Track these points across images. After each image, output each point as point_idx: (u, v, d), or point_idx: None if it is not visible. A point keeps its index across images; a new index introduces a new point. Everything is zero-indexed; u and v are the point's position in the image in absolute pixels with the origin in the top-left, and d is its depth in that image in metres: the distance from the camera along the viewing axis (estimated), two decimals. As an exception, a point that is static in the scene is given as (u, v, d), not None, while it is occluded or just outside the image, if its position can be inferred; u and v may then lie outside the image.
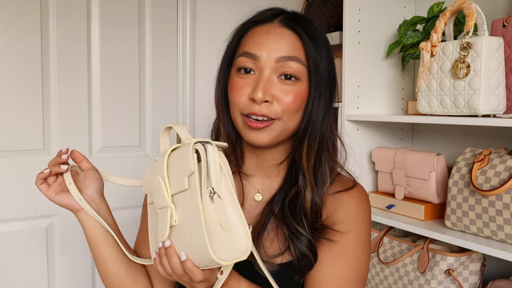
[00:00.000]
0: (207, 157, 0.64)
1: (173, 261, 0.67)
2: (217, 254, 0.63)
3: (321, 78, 0.81)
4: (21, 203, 1.57)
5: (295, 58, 0.78)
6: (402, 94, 1.60)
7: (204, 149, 0.64)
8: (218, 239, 0.63)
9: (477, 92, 1.11)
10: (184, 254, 0.66)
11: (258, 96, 0.76)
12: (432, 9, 1.36)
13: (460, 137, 1.50)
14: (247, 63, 0.78)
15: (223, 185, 0.65)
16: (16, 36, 1.54)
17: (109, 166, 1.71)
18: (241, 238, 0.63)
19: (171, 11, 1.82)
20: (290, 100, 0.78)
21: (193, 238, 0.64)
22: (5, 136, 1.54)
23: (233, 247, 0.63)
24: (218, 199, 0.64)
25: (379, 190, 1.51)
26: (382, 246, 1.44)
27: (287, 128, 0.80)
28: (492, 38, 1.11)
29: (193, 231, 0.64)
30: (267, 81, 0.77)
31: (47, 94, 1.60)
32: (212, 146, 0.65)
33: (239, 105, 0.79)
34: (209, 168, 0.64)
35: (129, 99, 1.75)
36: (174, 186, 0.68)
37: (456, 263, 1.23)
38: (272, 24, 0.81)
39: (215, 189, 0.64)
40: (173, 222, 0.67)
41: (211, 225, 0.64)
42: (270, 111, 0.77)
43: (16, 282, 1.58)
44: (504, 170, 1.08)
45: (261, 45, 0.78)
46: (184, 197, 0.67)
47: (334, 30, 1.76)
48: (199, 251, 0.64)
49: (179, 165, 0.67)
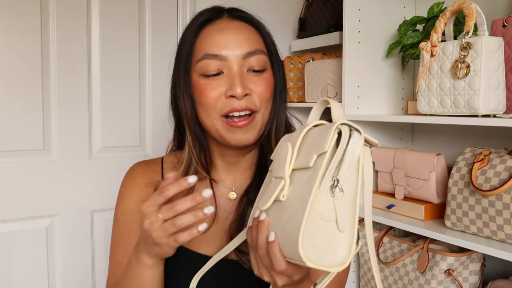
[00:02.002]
0: (347, 144, 0.55)
1: (261, 237, 0.61)
2: (306, 250, 0.54)
3: (278, 62, 0.83)
4: (21, 203, 1.57)
5: (258, 50, 0.78)
6: (402, 94, 1.60)
7: (349, 134, 0.56)
8: (317, 235, 0.55)
9: (477, 92, 1.11)
10: (274, 235, 0.59)
11: (237, 91, 0.75)
12: (432, 9, 1.36)
13: (460, 137, 1.50)
14: (213, 65, 0.76)
15: (352, 182, 0.56)
16: (16, 35, 1.54)
17: (109, 166, 1.71)
18: (343, 247, 0.55)
19: (171, 11, 1.82)
20: (263, 89, 0.78)
21: (290, 222, 0.57)
22: (5, 136, 1.54)
23: (328, 252, 0.55)
24: (340, 193, 0.55)
25: (379, 190, 1.51)
26: (382, 246, 1.44)
27: (264, 120, 0.80)
28: (492, 38, 1.11)
29: (294, 215, 0.56)
30: (241, 75, 0.77)
31: (47, 94, 1.60)
32: (359, 136, 0.56)
33: (215, 107, 0.77)
34: (344, 157, 0.55)
35: (129, 99, 1.75)
36: (300, 161, 0.60)
37: (456, 263, 1.23)
38: (223, 20, 0.80)
39: (340, 182, 0.55)
40: (281, 197, 0.60)
41: (315, 218, 0.55)
42: (252, 103, 0.77)
43: (16, 282, 1.58)
44: (504, 170, 1.08)
45: (223, 44, 0.77)
46: (303, 175, 0.58)
47: (334, 30, 1.76)
48: (289, 238, 0.56)
49: (315, 141, 0.59)
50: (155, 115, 1.80)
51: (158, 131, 1.80)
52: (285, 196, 0.59)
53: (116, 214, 0.90)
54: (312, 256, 0.54)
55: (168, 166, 0.90)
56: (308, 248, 0.54)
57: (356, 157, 0.56)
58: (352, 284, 1.59)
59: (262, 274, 0.63)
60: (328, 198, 0.55)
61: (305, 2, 1.94)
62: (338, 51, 1.81)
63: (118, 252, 0.88)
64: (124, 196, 0.90)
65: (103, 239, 1.72)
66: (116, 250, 0.89)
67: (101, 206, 1.71)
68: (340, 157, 0.55)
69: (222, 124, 0.78)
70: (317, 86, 1.67)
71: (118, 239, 0.89)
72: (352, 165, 0.56)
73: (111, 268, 0.89)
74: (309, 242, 0.55)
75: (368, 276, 1.47)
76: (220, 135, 0.79)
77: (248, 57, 0.77)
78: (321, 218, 0.55)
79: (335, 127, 0.56)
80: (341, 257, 0.55)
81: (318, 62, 1.67)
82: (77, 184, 1.66)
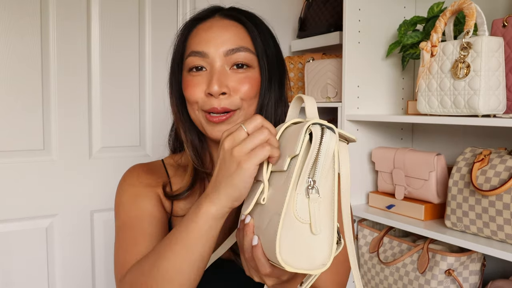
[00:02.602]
0: (320, 144, 0.54)
1: (246, 240, 0.61)
2: (283, 254, 0.55)
3: (270, 64, 0.82)
4: (21, 203, 1.57)
5: (242, 48, 0.78)
6: (402, 94, 1.60)
7: (321, 134, 0.55)
8: (295, 239, 0.55)
9: (477, 92, 1.11)
10: (257, 239, 0.59)
11: (214, 89, 0.75)
12: (432, 9, 1.36)
13: (460, 137, 1.50)
14: (197, 61, 0.78)
15: (329, 182, 0.56)
16: (16, 36, 1.54)
17: (109, 166, 1.71)
18: (322, 249, 0.55)
19: (171, 11, 1.82)
20: (247, 88, 0.78)
21: (269, 227, 0.57)
22: (5, 136, 1.54)
23: (308, 255, 0.55)
24: (316, 196, 0.55)
25: (379, 190, 1.51)
26: (382, 246, 1.44)
27: (248, 115, 0.80)
28: (492, 38, 1.11)
29: (272, 219, 0.57)
30: (221, 73, 0.77)
31: (47, 94, 1.60)
32: (331, 134, 0.55)
33: (197, 102, 0.78)
34: (319, 157, 0.55)
35: (129, 99, 1.75)
36: (277, 163, 0.59)
37: (456, 263, 1.23)
38: (213, 19, 0.81)
39: (316, 183, 0.55)
40: (261, 201, 0.59)
41: (293, 220, 0.55)
42: (230, 103, 0.77)
43: (16, 282, 1.58)
44: (504, 170, 1.08)
45: (207, 41, 0.78)
46: (280, 178, 0.58)
47: (334, 30, 1.76)
48: (269, 242, 0.57)
49: (288, 142, 0.58)
50: (155, 115, 1.80)
51: (158, 131, 1.80)
52: (266, 199, 0.59)
53: (119, 201, 0.85)
54: (291, 261, 0.54)
55: (169, 168, 0.91)
56: (286, 252, 0.55)
57: (331, 156, 0.55)
58: (352, 284, 1.59)
59: (252, 275, 0.64)
60: (304, 200, 0.55)
61: (305, 2, 1.94)
62: (338, 51, 1.81)
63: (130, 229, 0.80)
64: (130, 187, 0.85)
65: (103, 239, 1.72)
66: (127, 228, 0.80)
67: (101, 206, 1.70)
68: (314, 158, 0.55)
69: (203, 116, 0.79)
70: (317, 86, 1.67)
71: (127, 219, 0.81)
72: (327, 164, 0.55)
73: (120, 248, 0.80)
74: (286, 246, 0.55)
75: (368, 276, 1.47)
76: (203, 128, 0.81)
77: (230, 54, 0.78)
78: (299, 220, 0.55)
79: (305, 128, 0.55)
80: (321, 259, 0.55)
81: (318, 62, 1.67)
82: (77, 184, 1.66)
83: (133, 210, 0.82)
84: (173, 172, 0.89)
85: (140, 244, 0.77)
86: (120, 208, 0.84)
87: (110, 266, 1.74)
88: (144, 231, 0.79)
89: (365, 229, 1.51)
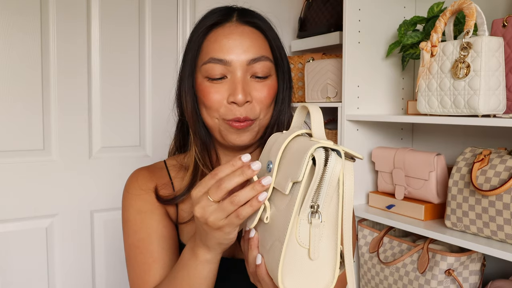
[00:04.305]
0: (324, 170, 0.52)
1: (251, 254, 0.62)
2: (286, 281, 0.54)
3: (285, 68, 0.83)
4: (21, 203, 1.57)
5: (263, 57, 0.79)
6: (402, 94, 1.60)
7: (325, 158, 0.52)
8: (297, 264, 0.55)
9: (477, 92, 1.11)
10: (260, 259, 0.60)
11: (239, 98, 0.75)
12: (432, 9, 1.36)
13: (460, 137, 1.50)
14: (218, 69, 0.77)
15: (332, 207, 0.54)
16: (16, 36, 1.54)
17: (109, 166, 1.71)
18: (323, 275, 0.54)
19: (171, 11, 1.82)
20: (265, 96, 0.79)
21: (271, 251, 0.56)
22: (5, 136, 1.54)
23: (310, 281, 0.55)
24: (317, 221, 0.54)
25: (379, 190, 1.51)
26: (382, 246, 1.44)
27: (262, 124, 0.81)
28: (492, 38, 1.11)
29: (275, 242, 0.56)
30: (244, 82, 0.77)
31: (47, 94, 1.60)
32: (337, 158, 0.53)
33: (218, 110, 0.78)
34: (322, 184, 0.53)
35: (129, 99, 1.75)
36: (279, 181, 0.57)
37: (456, 263, 1.23)
38: (231, 24, 0.80)
39: (320, 207, 0.54)
40: (264, 220, 0.59)
41: (296, 246, 0.54)
42: (252, 113, 0.78)
43: (16, 282, 1.58)
44: (504, 170, 1.08)
45: (229, 49, 0.77)
46: (282, 200, 0.57)
47: (334, 30, 1.76)
48: (271, 265, 0.56)
49: (291, 162, 0.56)
50: (155, 115, 1.80)
51: (158, 131, 1.80)
52: (268, 218, 0.59)
53: (127, 218, 0.85)
54: (292, 285, 0.55)
55: (171, 169, 0.90)
56: (288, 277, 0.55)
57: (335, 181, 0.53)
58: (352, 284, 1.59)
59: (256, 284, 0.66)
60: (306, 224, 0.54)
61: (305, 2, 1.94)
62: (338, 51, 1.81)
63: (140, 254, 0.82)
64: (134, 199, 0.86)
65: (103, 239, 1.72)
66: (137, 252, 0.83)
67: (101, 206, 1.70)
68: (317, 185, 0.53)
69: (223, 124, 0.79)
70: (317, 86, 1.67)
71: (136, 242, 0.83)
72: (331, 190, 0.54)
73: (134, 272, 0.83)
74: (289, 273, 0.55)
75: (368, 276, 1.47)
76: (221, 135, 0.80)
77: (252, 64, 0.78)
78: (300, 245, 0.55)
79: (309, 154, 0.53)
80: (324, 282, 0.55)
81: (318, 62, 1.67)
82: (77, 184, 1.66)
83: (140, 231, 0.83)
84: (175, 173, 0.89)
85: (152, 270, 0.80)
86: (127, 226, 0.85)
87: (110, 266, 1.74)
88: (154, 256, 0.81)
89: (365, 229, 1.51)
